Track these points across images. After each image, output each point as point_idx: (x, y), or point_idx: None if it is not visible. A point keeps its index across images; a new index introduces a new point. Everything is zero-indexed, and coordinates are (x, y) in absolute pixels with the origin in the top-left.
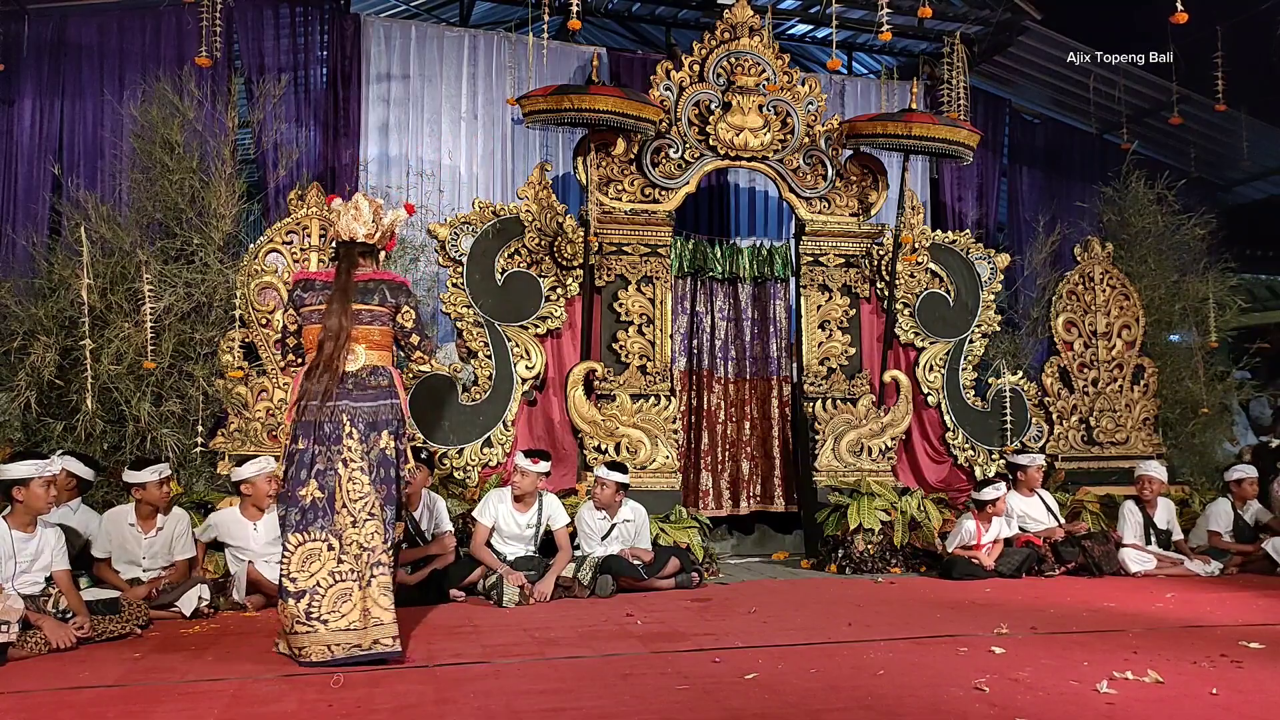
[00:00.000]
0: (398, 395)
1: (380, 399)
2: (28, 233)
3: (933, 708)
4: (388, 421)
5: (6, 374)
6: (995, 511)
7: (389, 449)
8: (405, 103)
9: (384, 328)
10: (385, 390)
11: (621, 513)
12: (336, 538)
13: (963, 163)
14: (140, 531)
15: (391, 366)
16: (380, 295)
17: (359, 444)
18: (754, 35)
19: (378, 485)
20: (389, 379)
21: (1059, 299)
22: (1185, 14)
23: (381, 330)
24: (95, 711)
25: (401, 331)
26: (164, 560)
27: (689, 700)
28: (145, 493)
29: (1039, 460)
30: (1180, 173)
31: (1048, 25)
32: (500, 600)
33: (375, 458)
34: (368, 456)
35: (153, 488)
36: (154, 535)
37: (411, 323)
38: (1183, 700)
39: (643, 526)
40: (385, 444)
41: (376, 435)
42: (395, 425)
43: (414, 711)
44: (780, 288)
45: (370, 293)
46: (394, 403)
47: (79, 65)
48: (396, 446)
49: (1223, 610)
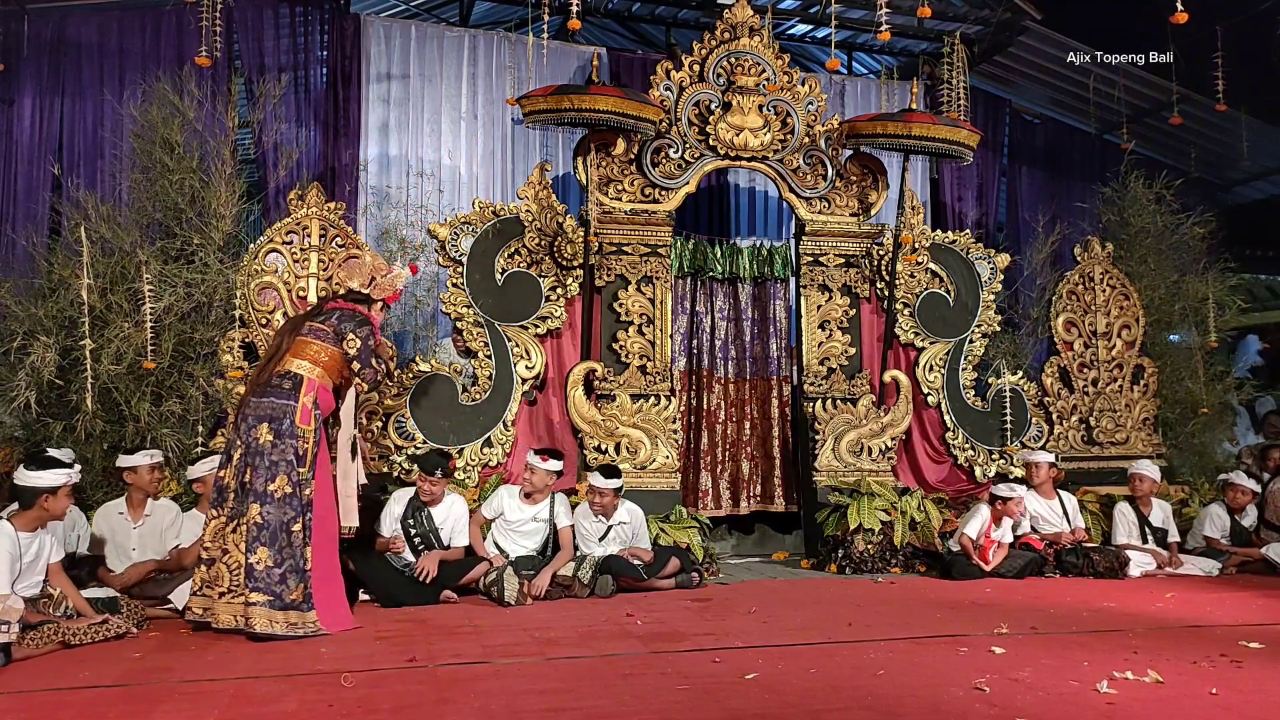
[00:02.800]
0: (296, 398)
1: (276, 398)
2: (28, 233)
3: (933, 708)
4: (270, 417)
5: (6, 374)
6: (1006, 511)
7: (264, 440)
8: (405, 103)
9: (325, 345)
10: (286, 392)
11: (617, 515)
12: (237, 517)
13: (963, 163)
14: (129, 520)
15: (315, 377)
16: (332, 319)
17: (245, 435)
18: (754, 35)
19: (255, 471)
20: (294, 383)
21: (1059, 299)
22: (1185, 14)
23: (321, 347)
24: (95, 711)
25: (345, 357)
26: (154, 550)
27: (689, 700)
28: (136, 477)
29: (1039, 458)
30: (1180, 173)
31: (1048, 25)
32: (501, 596)
33: (252, 447)
34: (248, 445)
35: (144, 471)
36: (142, 524)
37: (354, 350)
38: (1183, 700)
39: (640, 527)
40: (262, 436)
41: (258, 428)
42: (278, 422)
43: (414, 711)
44: (780, 288)
45: (327, 315)
46: (287, 403)
47: (79, 65)
48: (273, 440)
49: (1223, 610)
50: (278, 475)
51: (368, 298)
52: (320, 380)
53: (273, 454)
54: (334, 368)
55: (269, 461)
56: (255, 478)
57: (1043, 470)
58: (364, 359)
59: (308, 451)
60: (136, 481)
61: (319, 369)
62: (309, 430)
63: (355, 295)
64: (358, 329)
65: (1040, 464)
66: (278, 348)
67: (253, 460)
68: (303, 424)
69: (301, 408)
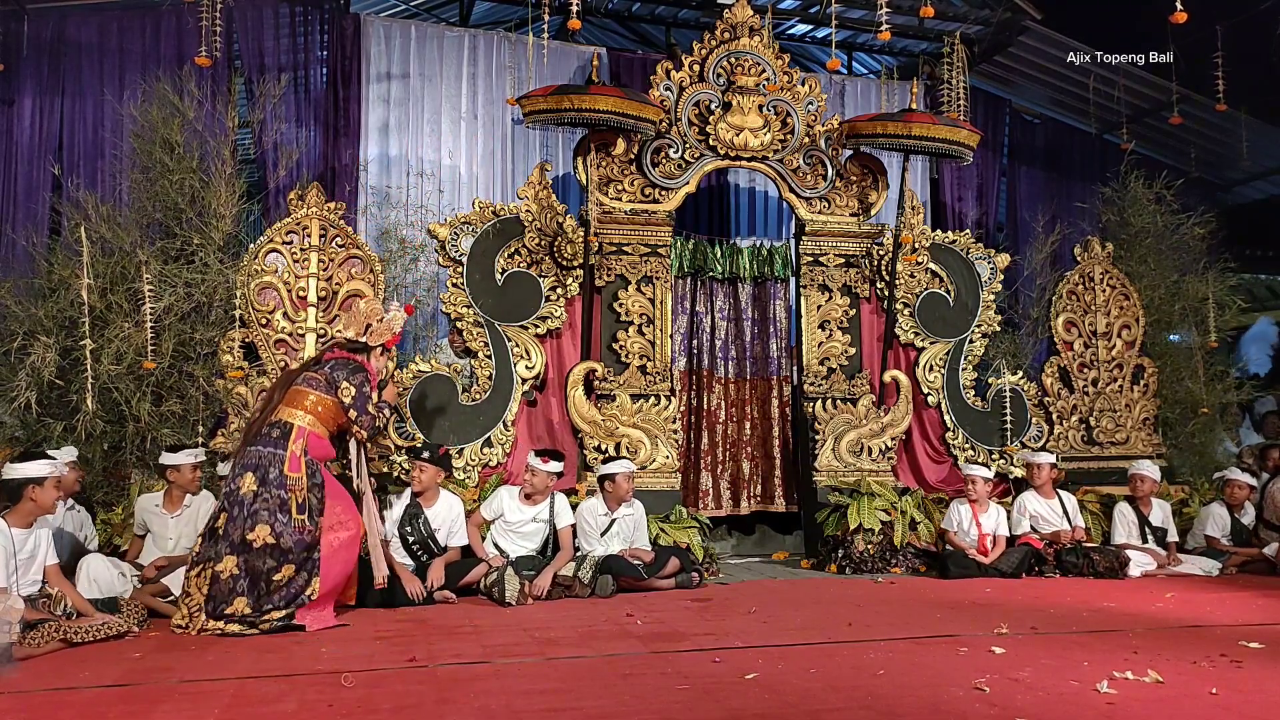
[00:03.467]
0: (284, 446)
1: (264, 446)
2: (28, 233)
3: (933, 708)
4: (256, 465)
5: (6, 374)
6: (972, 495)
7: (245, 490)
8: (405, 103)
9: (321, 395)
10: (274, 440)
11: (621, 508)
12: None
13: (963, 163)
14: (165, 512)
15: (306, 425)
16: (325, 368)
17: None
18: (754, 35)
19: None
20: (283, 431)
21: (1059, 299)
22: (1185, 14)
23: (319, 398)
24: (95, 711)
25: (340, 405)
26: (190, 540)
27: (689, 700)
28: (179, 475)
29: (1041, 459)
30: (1180, 173)
31: (1048, 25)
32: (502, 596)
33: (234, 496)
34: (229, 494)
35: (186, 470)
36: (179, 515)
37: (349, 399)
38: (1183, 700)
39: (641, 521)
40: (245, 485)
41: (243, 476)
42: (264, 470)
43: (414, 711)
44: (780, 288)
45: (322, 364)
46: (275, 451)
47: (79, 65)
48: (256, 489)
49: (1223, 610)
50: (257, 524)
51: (365, 345)
52: (311, 427)
53: (255, 503)
54: (329, 416)
55: (249, 511)
56: (232, 527)
57: (1044, 471)
58: (359, 407)
59: (304, 501)
60: (179, 479)
61: (311, 417)
62: (299, 478)
63: (353, 344)
64: (351, 377)
65: (1042, 465)
66: (270, 399)
67: (232, 509)
68: (292, 472)
69: (290, 455)
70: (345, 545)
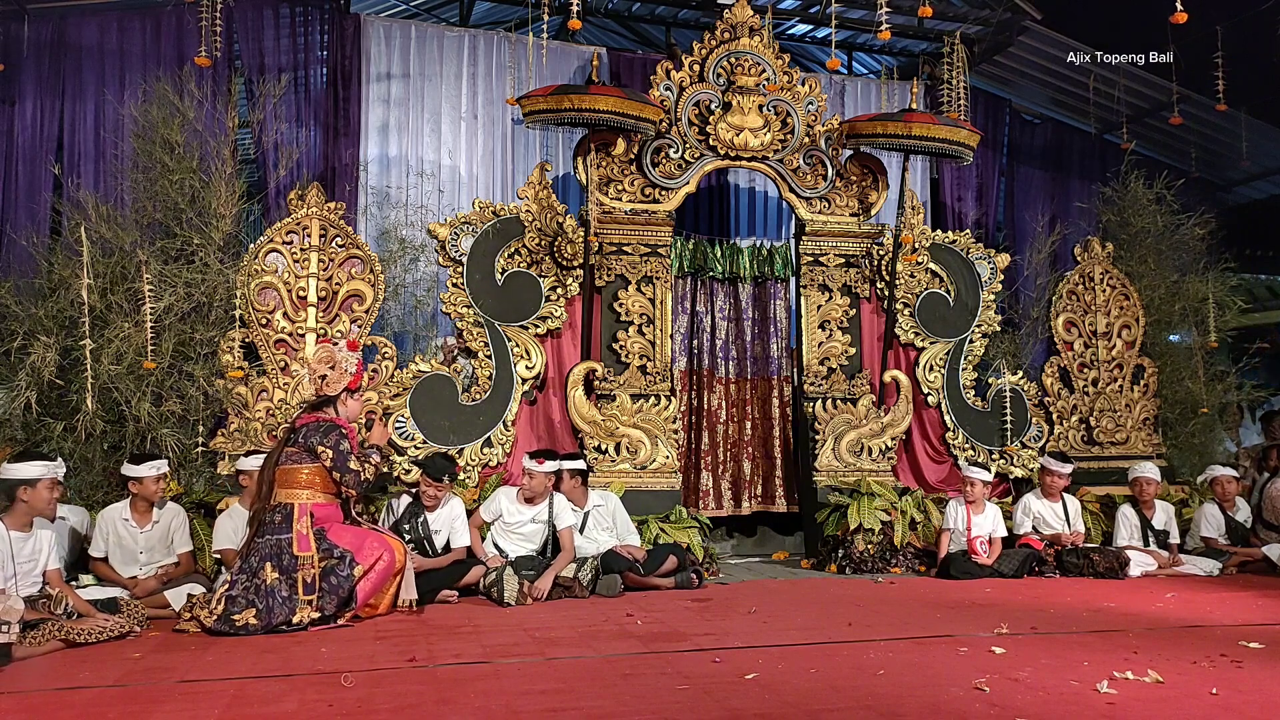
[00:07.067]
0: (290, 528)
1: (272, 534)
2: (28, 233)
3: (933, 708)
4: (272, 555)
5: (7, 374)
6: (969, 496)
7: (271, 580)
8: (405, 103)
9: (306, 465)
10: (278, 526)
11: (591, 499)
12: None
13: (963, 163)
14: (135, 526)
15: (305, 500)
16: (300, 438)
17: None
18: (754, 35)
19: (260, 615)
20: (285, 514)
21: (1059, 299)
22: (1185, 14)
23: (310, 470)
24: (95, 711)
25: (324, 469)
26: (162, 554)
27: (689, 700)
28: (141, 487)
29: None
30: (1180, 173)
31: (1048, 25)
32: (501, 597)
33: (261, 589)
34: (256, 585)
35: (149, 483)
36: (149, 529)
37: (330, 460)
38: (1183, 700)
39: (617, 509)
40: (268, 576)
41: (263, 567)
42: (278, 558)
43: (414, 711)
44: (780, 288)
45: (296, 434)
46: (283, 537)
47: (79, 65)
48: (279, 578)
49: (1223, 610)
50: (297, 608)
51: (329, 398)
52: (310, 500)
53: (282, 589)
54: (323, 481)
55: (281, 599)
56: (272, 617)
57: (1060, 481)
58: (341, 466)
59: (314, 579)
60: (141, 491)
61: (309, 490)
62: (310, 556)
63: (317, 402)
64: (324, 439)
65: (1060, 474)
66: (263, 485)
67: (265, 600)
68: (301, 551)
69: (297, 535)
70: (380, 573)
